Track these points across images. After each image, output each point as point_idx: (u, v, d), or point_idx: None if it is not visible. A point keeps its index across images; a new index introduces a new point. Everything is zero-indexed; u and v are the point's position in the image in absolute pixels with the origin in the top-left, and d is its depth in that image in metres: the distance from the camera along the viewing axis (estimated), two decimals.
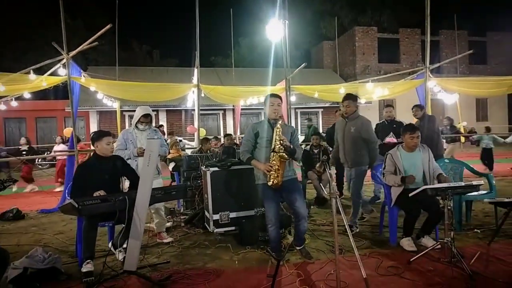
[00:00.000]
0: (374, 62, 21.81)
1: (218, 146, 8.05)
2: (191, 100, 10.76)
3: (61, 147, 10.30)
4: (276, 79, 9.76)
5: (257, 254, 4.00)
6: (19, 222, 6.08)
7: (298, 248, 3.92)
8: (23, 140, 10.15)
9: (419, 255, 3.64)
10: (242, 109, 13.92)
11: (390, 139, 6.14)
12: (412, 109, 6.35)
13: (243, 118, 18.51)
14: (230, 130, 17.71)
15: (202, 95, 8.94)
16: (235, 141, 8.55)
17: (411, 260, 3.58)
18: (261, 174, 3.76)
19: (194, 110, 9.98)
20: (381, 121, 6.77)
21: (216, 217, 4.57)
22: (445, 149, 10.03)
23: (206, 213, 4.86)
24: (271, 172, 3.62)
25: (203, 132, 11.80)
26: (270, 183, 3.64)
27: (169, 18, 41.70)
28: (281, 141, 3.59)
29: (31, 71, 6.51)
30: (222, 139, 10.23)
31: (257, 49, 26.97)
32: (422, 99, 8.37)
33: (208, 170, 4.63)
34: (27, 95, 7.73)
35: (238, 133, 14.54)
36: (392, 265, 3.56)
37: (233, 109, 17.83)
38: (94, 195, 3.51)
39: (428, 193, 3.46)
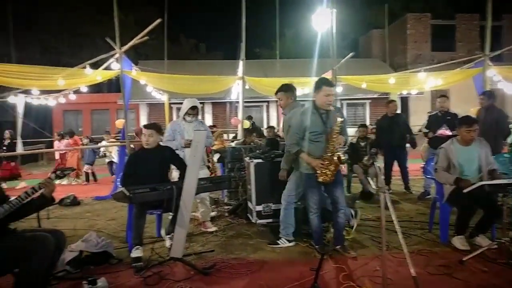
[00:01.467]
0: (427, 50, 20.65)
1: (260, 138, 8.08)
2: (236, 92, 10.85)
3: (65, 143, 9.74)
4: (321, 70, 9.55)
5: (300, 247, 3.98)
6: (75, 208, 6.49)
7: (337, 247, 3.78)
8: (6, 134, 9.05)
9: (473, 254, 3.43)
10: None
11: (443, 131, 5.82)
12: (480, 95, 5.92)
13: None
14: (273, 123, 17.66)
15: (247, 87, 8.98)
16: (277, 132, 8.49)
17: (464, 259, 3.38)
18: (305, 162, 3.69)
19: (238, 102, 10.05)
20: (433, 113, 6.43)
21: (259, 208, 4.60)
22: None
23: (249, 204, 4.90)
24: (324, 171, 3.55)
25: (246, 124, 11.86)
26: (320, 179, 3.59)
27: (215, 11, 42.26)
28: (339, 144, 3.55)
29: (87, 66, 6.86)
30: (265, 132, 10.26)
31: (303, 39, 26.53)
32: (480, 90, 7.79)
33: (252, 161, 4.67)
34: (83, 88, 8.17)
35: (281, 125, 14.46)
36: (442, 264, 3.39)
37: (277, 101, 17.73)
38: None
39: (486, 189, 3.24)
